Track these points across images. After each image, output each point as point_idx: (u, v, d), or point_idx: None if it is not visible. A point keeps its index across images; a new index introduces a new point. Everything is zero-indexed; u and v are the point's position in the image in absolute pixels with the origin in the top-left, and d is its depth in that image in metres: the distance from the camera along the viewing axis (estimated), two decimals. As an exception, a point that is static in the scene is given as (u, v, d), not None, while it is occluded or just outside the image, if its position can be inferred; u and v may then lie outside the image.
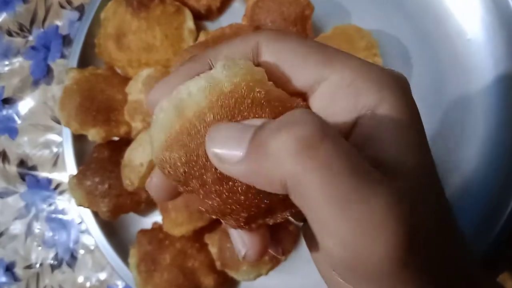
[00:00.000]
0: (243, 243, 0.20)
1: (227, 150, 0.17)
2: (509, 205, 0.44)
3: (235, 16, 0.53)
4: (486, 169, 0.48)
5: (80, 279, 0.53)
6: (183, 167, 0.18)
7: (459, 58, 0.50)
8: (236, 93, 0.18)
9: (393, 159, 0.17)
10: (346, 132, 0.19)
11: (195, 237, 0.46)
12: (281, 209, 0.19)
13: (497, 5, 0.49)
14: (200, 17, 0.54)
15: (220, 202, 0.18)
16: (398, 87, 0.19)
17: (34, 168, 0.56)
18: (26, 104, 0.58)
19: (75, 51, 0.52)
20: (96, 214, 0.48)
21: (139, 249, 0.45)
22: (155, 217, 0.51)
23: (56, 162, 0.56)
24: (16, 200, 0.56)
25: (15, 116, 0.58)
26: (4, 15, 0.60)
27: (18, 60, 0.59)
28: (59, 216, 0.55)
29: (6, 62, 0.59)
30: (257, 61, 0.20)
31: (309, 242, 0.22)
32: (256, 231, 0.20)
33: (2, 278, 0.54)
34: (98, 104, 0.48)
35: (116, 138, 0.50)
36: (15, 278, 0.54)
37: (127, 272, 0.47)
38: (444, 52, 0.50)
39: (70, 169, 0.50)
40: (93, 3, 0.52)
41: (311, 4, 0.47)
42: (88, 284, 0.52)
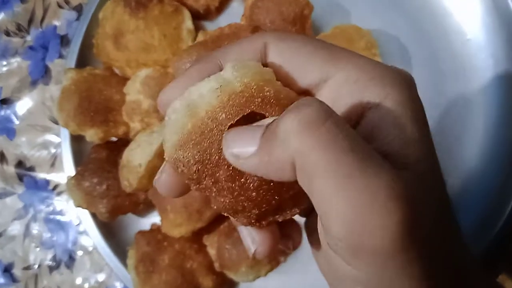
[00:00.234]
0: (253, 240, 0.21)
1: (242, 148, 0.18)
2: (509, 205, 0.44)
3: (234, 16, 0.52)
4: (486, 169, 0.48)
5: (79, 281, 0.52)
6: (196, 166, 0.19)
7: (459, 58, 0.50)
8: (247, 93, 0.18)
9: (397, 153, 0.18)
10: (353, 127, 0.19)
11: (194, 238, 0.46)
12: (291, 206, 0.20)
13: (497, 5, 0.49)
14: (199, 17, 0.53)
15: (232, 200, 0.19)
16: (403, 84, 0.19)
17: (32, 169, 0.56)
18: (24, 105, 0.57)
19: (73, 51, 0.52)
20: (94, 215, 0.48)
21: (138, 250, 0.45)
22: (154, 218, 0.50)
23: (54, 163, 0.55)
24: (14, 201, 0.55)
25: (13, 117, 0.57)
26: (2, 15, 0.59)
27: (16, 60, 0.58)
28: (57, 217, 0.54)
29: (4, 62, 0.58)
30: (265, 61, 0.21)
31: (311, 236, 0.22)
32: (266, 228, 0.21)
33: (0, 280, 0.53)
34: (96, 105, 0.48)
35: (114, 139, 0.50)
36: (13, 279, 0.53)
37: (126, 274, 0.47)
38: (444, 52, 0.50)
39: (68, 170, 0.50)
40: (91, 3, 0.52)
41: (310, 4, 0.47)
42: (87, 286, 0.52)
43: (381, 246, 0.16)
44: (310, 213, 0.22)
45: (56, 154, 0.56)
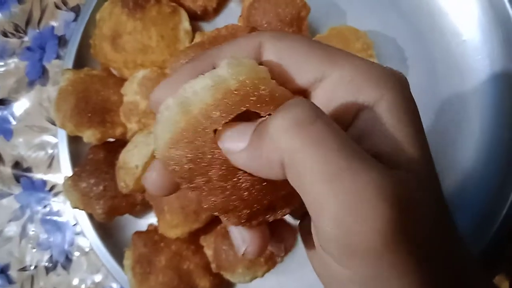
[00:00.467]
0: (243, 240, 0.21)
1: (233, 143, 0.18)
2: (506, 205, 0.44)
3: (231, 17, 0.53)
4: (483, 169, 0.48)
5: (75, 282, 0.52)
6: (189, 164, 0.18)
7: (455, 59, 0.50)
8: (242, 91, 0.18)
9: (389, 153, 0.18)
10: (346, 127, 0.20)
11: (191, 239, 0.45)
12: (282, 206, 0.20)
13: (493, 6, 0.49)
14: (196, 18, 0.53)
15: (224, 199, 0.19)
16: (397, 85, 0.19)
17: (29, 170, 0.56)
18: (21, 105, 0.57)
19: (71, 52, 0.52)
20: (91, 216, 0.48)
21: (134, 251, 0.45)
22: (151, 219, 0.50)
23: (51, 164, 0.55)
24: (11, 202, 0.55)
25: (10, 117, 0.57)
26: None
27: (14, 61, 0.58)
28: (54, 218, 0.54)
29: (1, 63, 0.58)
30: (260, 60, 0.20)
31: (305, 238, 0.22)
32: (256, 228, 0.20)
33: (-3, 281, 0.53)
34: (94, 105, 0.48)
35: (112, 140, 0.50)
36: (10, 281, 0.53)
37: (122, 275, 0.46)
38: (440, 53, 0.50)
39: (65, 171, 0.50)
40: (89, 4, 0.52)
41: (307, 5, 0.47)
42: (83, 286, 0.52)
43: (372, 246, 0.16)
44: (304, 215, 0.22)
45: (53, 155, 0.56)
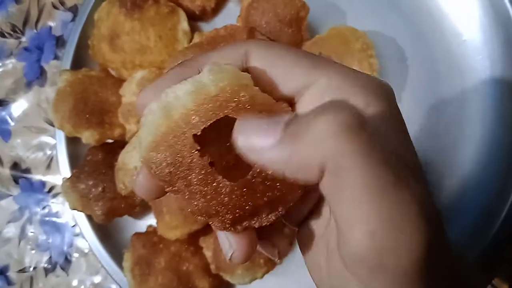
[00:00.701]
0: (230, 245, 0.21)
1: (259, 138, 0.17)
2: (506, 206, 0.44)
3: (230, 17, 0.52)
4: (483, 171, 0.47)
5: (74, 283, 0.52)
6: (169, 168, 0.19)
7: (455, 59, 0.50)
8: (221, 97, 0.18)
9: None
10: None
11: (190, 241, 0.45)
12: (267, 212, 0.20)
13: (494, 6, 0.49)
14: (195, 18, 0.53)
15: (205, 203, 0.19)
16: (383, 94, 0.19)
17: (28, 171, 0.55)
18: (19, 106, 0.57)
19: (69, 53, 0.52)
20: (90, 217, 0.48)
21: (133, 253, 0.45)
22: (150, 220, 0.50)
23: (50, 165, 0.55)
24: (10, 203, 0.55)
25: (8, 118, 0.57)
26: (-3, 16, 0.59)
27: (11, 62, 0.58)
28: (53, 219, 0.54)
29: (-1, 64, 0.58)
30: (246, 67, 0.20)
31: (304, 247, 0.21)
32: (243, 233, 0.20)
33: (-4, 282, 0.53)
34: (92, 106, 0.47)
35: (110, 141, 0.50)
36: (9, 282, 0.53)
37: (122, 276, 0.46)
38: (440, 53, 0.50)
39: (64, 172, 0.50)
40: (87, 4, 0.52)
41: (306, 5, 0.47)
42: (83, 288, 0.52)
43: (404, 266, 0.15)
44: (302, 223, 0.22)
45: (52, 156, 0.55)
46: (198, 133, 0.18)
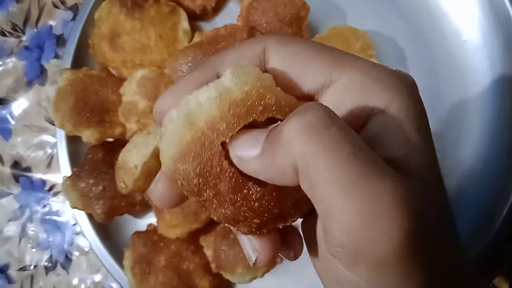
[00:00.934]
0: (253, 249, 0.21)
1: (245, 151, 0.18)
2: (506, 207, 0.44)
3: (230, 17, 0.52)
4: (483, 170, 0.48)
5: (75, 281, 0.52)
6: (197, 178, 0.18)
7: (455, 59, 0.50)
8: (248, 101, 0.18)
9: (400, 159, 0.18)
10: (356, 132, 0.19)
11: (190, 239, 0.45)
12: (292, 213, 0.20)
13: (494, 7, 0.49)
14: (195, 18, 0.53)
15: (234, 210, 0.18)
16: (407, 89, 0.19)
17: (28, 169, 0.56)
18: (20, 105, 0.57)
19: (69, 52, 0.52)
20: (91, 216, 0.48)
21: (134, 251, 0.45)
22: (150, 219, 0.50)
23: (50, 163, 0.55)
24: (10, 202, 0.55)
25: (9, 117, 0.57)
26: (-3, 15, 0.59)
27: (12, 60, 0.58)
28: (54, 218, 0.54)
29: (0, 62, 0.58)
30: (265, 67, 0.20)
31: (308, 238, 0.21)
32: (267, 236, 0.20)
33: (-4, 280, 0.53)
34: (92, 105, 0.47)
35: (111, 140, 0.50)
36: (9, 280, 0.53)
37: (122, 275, 0.46)
38: (440, 53, 0.50)
39: (64, 171, 0.50)
40: (87, 3, 0.52)
41: (307, 5, 0.47)
42: (83, 286, 0.52)
43: (383, 255, 0.16)
44: (307, 215, 0.22)
45: (52, 155, 0.55)
46: (227, 141, 0.18)
